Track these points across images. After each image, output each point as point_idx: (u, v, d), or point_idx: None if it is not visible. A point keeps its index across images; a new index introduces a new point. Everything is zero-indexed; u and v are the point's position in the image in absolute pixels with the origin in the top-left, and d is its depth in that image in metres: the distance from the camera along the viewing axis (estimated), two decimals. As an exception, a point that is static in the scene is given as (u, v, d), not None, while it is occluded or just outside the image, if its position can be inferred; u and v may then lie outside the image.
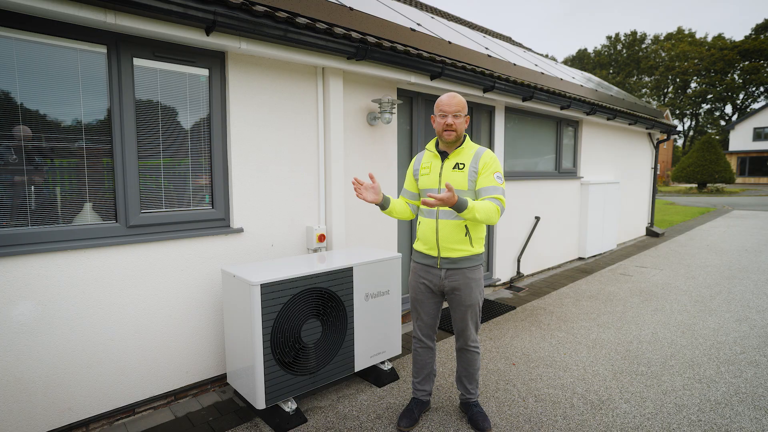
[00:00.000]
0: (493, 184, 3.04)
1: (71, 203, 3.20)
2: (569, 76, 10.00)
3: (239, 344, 3.44)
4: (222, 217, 3.90)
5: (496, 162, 3.12)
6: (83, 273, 3.19)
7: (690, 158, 32.54)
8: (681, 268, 8.46)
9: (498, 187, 3.04)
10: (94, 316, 3.26)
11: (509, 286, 7.27)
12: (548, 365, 4.37)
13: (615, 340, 4.97)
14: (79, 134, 3.18)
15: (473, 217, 2.89)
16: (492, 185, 3.04)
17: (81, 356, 3.22)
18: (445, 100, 3.13)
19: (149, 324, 3.52)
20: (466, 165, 3.11)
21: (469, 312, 3.23)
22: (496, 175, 3.07)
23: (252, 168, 4.01)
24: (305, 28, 3.78)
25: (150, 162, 3.51)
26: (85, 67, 3.18)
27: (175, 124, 3.61)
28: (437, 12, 10.14)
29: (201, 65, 3.69)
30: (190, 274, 3.71)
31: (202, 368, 3.84)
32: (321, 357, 3.59)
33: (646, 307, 6.15)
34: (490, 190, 3.03)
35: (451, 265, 3.17)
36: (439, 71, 5.02)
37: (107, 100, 3.27)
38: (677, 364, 4.37)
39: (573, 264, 9.01)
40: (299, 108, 4.30)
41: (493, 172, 3.07)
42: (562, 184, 8.50)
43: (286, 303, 3.32)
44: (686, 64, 56.17)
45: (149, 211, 3.53)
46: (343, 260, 3.84)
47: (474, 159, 3.12)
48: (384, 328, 4.04)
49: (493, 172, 3.07)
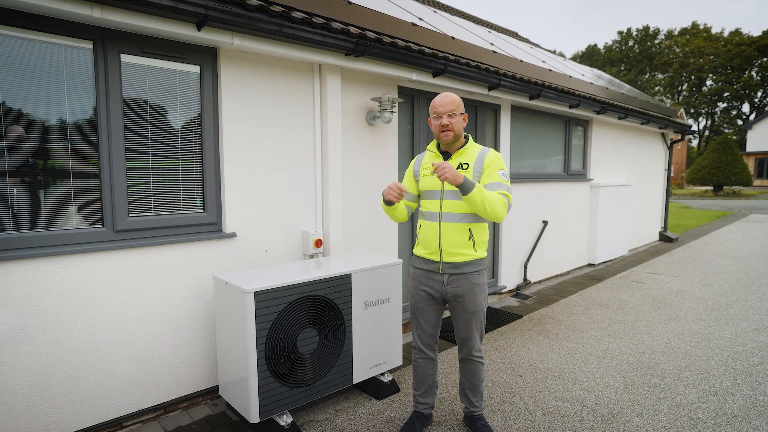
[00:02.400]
0: (497, 181, 3.05)
1: (55, 207, 3.21)
2: (578, 73, 10.03)
3: (232, 355, 3.44)
4: (214, 222, 3.91)
5: (500, 160, 3.14)
6: (68, 280, 3.20)
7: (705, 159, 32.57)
8: (696, 275, 8.47)
9: (503, 184, 3.05)
10: (80, 325, 3.26)
11: (515, 293, 7.28)
12: (556, 377, 4.37)
13: (627, 351, 4.97)
14: (64, 134, 3.19)
15: (480, 201, 2.89)
16: (497, 181, 3.05)
17: (66, 367, 3.23)
18: (438, 101, 3.16)
19: (137, 333, 3.52)
20: (471, 165, 3.12)
21: (473, 319, 3.24)
22: (500, 172, 3.08)
23: (245, 170, 4.02)
24: (301, 23, 3.79)
25: (138, 163, 3.52)
26: (70, 64, 3.19)
27: (164, 124, 3.63)
28: (440, 6, 10.17)
29: (192, 62, 3.71)
30: (181, 281, 3.72)
31: (193, 380, 3.84)
32: (318, 368, 3.59)
33: (659, 315, 6.15)
34: (494, 186, 3.04)
35: (453, 270, 3.18)
36: (442, 68, 5.04)
37: (93, 99, 3.29)
38: (692, 376, 4.38)
39: (582, 270, 9.02)
40: (295, 107, 4.32)
41: (498, 170, 3.08)
42: (571, 186, 8.51)
43: (281, 311, 3.32)
44: (701, 61, 56.32)
45: (137, 215, 3.54)
46: (340, 266, 3.84)
47: (478, 158, 3.13)
48: (384, 338, 4.05)
49: (498, 169, 3.09)
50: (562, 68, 9.33)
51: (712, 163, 32.01)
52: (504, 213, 2.98)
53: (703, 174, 32.38)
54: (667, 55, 60.57)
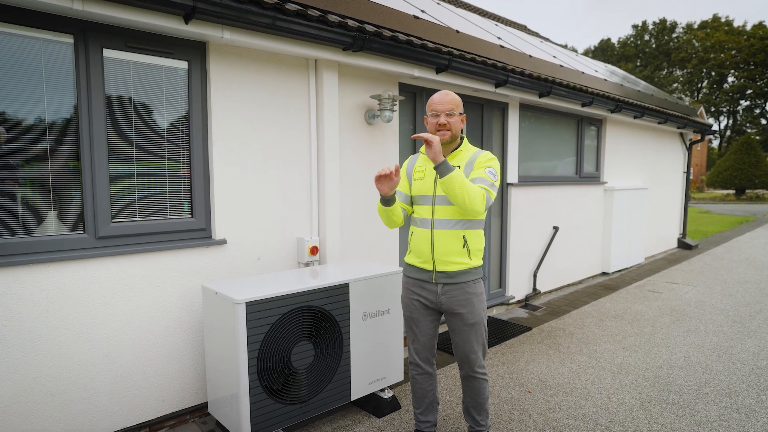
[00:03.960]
0: (482, 176, 3.05)
1: (34, 212, 3.20)
2: (591, 69, 10.04)
3: (222, 369, 3.43)
4: (203, 227, 3.91)
5: (493, 161, 3.15)
6: (47, 290, 3.19)
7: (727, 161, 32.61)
8: (717, 285, 8.46)
9: (487, 180, 3.03)
10: (60, 338, 3.26)
11: (524, 304, 7.27)
12: (568, 393, 4.36)
13: (643, 365, 4.96)
14: (43, 134, 3.19)
15: (460, 187, 2.85)
16: (480, 176, 3.05)
17: (44, 383, 3.21)
18: (436, 99, 3.16)
19: (121, 347, 3.51)
20: (463, 167, 3.14)
21: (473, 332, 3.21)
22: (488, 170, 3.08)
23: (236, 173, 4.02)
24: (296, 16, 3.80)
25: (122, 165, 3.52)
26: (49, 59, 3.19)
27: (150, 123, 3.63)
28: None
29: (179, 57, 3.71)
30: (167, 291, 3.71)
31: (181, 396, 3.83)
32: (313, 384, 3.58)
33: (677, 327, 6.14)
34: (477, 180, 3.04)
35: (447, 279, 3.17)
36: (446, 64, 5.04)
37: (74, 96, 3.29)
38: (712, 392, 4.36)
39: (596, 279, 9.01)
40: (289, 105, 4.32)
41: (486, 167, 3.09)
42: (583, 190, 8.52)
43: (274, 323, 3.31)
44: (722, 56, 56.39)
45: (121, 220, 3.54)
46: (338, 275, 3.84)
47: (470, 161, 3.15)
48: (384, 352, 4.03)
49: (486, 167, 3.09)
50: (574, 64, 9.34)
51: (734, 165, 32.05)
52: (482, 207, 2.95)
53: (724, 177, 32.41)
54: (685, 50, 60.65)
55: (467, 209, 2.94)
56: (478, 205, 2.93)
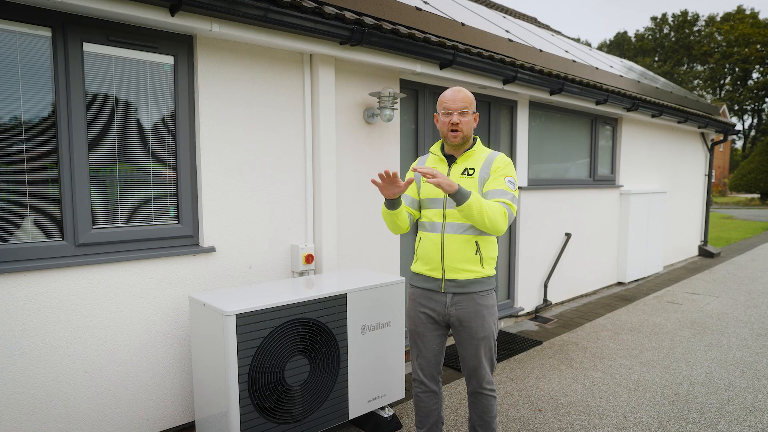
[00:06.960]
0: (502, 188, 3.06)
1: (9, 217, 3.21)
2: (606, 64, 10.07)
3: (211, 386, 3.44)
4: (190, 234, 3.92)
5: (510, 167, 3.15)
6: (23, 300, 3.19)
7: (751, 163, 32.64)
8: (740, 295, 8.46)
9: (508, 192, 3.05)
10: (37, 352, 3.26)
11: (534, 316, 7.27)
12: (581, 411, 4.36)
13: (661, 382, 4.96)
14: (18, 135, 3.20)
15: (478, 213, 2.87)
16: (501, 188, 3.06)
17: (20, 401, 3.21)
18: (449, 96, 3.17)
19: (102, 362, 3.52)
20: (477, 170, 3.14)
21: (482, 346, 3.22)
22: (507, 179, 3.09)
23: (226, 175, 4.03)
24: (290, 7, 3.81)
25: (103, 168, 3.53)
26: (25, 54, 3.20)
27: (133, 122, 3.64)
28: (448, -12, 10.22)
29: (165, 51, 3.73)
30: (152, 302, 3.72)
31: (167, 415, 3.83)
32: (308, 401, 3.58)
33: (698, 341, 6.14)
34: (498, 193, 3.05)
35: (457, 289, 3.17)
36: (450, 59, 5.06)
37: (52, 94, 3.30)
38: (735, 410, 4.37)
39: (611, 290, 9.02)
40: (283, 103, 4.34)
41: (505, 176, 3.10)
42: (597, 194, 8.53)
43: (266, 337, 3.32)
44: (747, 51, 56.52)
45: (102, 226, 3.55)
46: (334, 285, 3.84)
47: (486, 163, 3.15)
48: (384, 367, 4.04)
49: (505, 176, 3.10)
50: (587, 59, 9.37)
51: (758, 167, 32.07)
52: (504, 226, 2.98)
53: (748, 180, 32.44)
54: (707, 44, 60.82)
55: (489, 230, 2.97)
56: (501, 225, 2.95)
